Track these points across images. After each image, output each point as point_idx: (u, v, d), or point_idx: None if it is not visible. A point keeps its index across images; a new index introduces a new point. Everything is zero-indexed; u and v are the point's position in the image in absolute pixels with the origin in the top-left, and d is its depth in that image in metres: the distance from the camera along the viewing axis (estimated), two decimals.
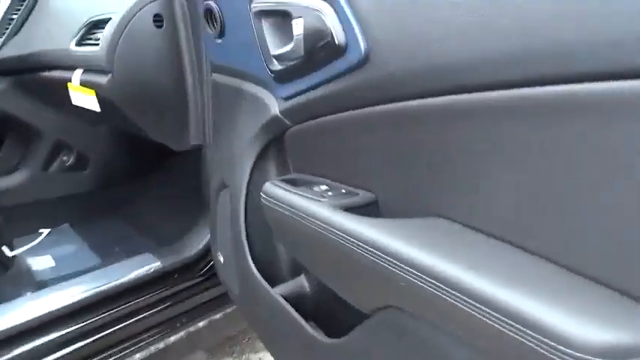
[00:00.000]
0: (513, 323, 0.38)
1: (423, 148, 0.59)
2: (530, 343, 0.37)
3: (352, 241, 0.59)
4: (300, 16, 0.70)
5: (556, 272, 0.43)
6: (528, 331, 0.37)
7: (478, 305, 0.41)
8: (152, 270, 1.33)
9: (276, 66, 0.81)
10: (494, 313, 0.40)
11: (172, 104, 1.31)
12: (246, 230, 0.96)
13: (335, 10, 0.63)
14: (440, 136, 0.55)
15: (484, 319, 0.41)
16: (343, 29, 0.62)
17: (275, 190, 0.82)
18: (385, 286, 0.55)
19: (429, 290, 0.46)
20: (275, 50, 0.81)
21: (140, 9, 1.21)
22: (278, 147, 0.93)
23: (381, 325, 0.59)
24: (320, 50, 0.67)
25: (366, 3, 0.59)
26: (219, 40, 0.99)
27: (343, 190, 0.72)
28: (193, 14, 1.26)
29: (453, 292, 0.43)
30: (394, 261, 0.51)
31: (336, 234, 0.62)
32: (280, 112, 0.84)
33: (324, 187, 0.75)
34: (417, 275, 0.48)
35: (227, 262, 1.12)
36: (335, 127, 0.73)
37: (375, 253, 0.54)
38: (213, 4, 0.96)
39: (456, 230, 0.54)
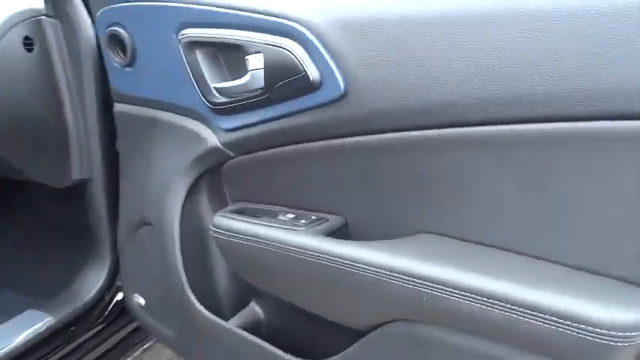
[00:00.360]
0: (554, 319, 0.48)
1: (400, 174, 0.65)
2: (571, 332, 0.47)
3: (353, 265, 0.63)
4: (259, 52, 0.71)
5: (559, 269, 0.54)
6: (567, 322, 0.47)
7: (518, 308, 0.50)
8: (44, 328, 1.15)
9: (218, 98, 0.80)
10: (536, 313, 0.48)
11: (51, 137, 1.16)
12: (184, 267, 0.92)
13: (306, 49, 0.66)
14: (419, 163, 0.63)
15: (525, 319, 0.49)
16: (317, 67, 0.66)
17: (230, 222, 0.81)
18: (395, 301, 0.61)
19: (457, 300, 0.53)
20: (215, 82, 0.80)
21: (7, 31, 1.05)
22: (212, 178, 0.91)
23: (387, 338, 0.64)
24: (286, 85, 0.69)
25: (344, 43, 0.63)
26: (128, 69, 0.93)
27: (313, 217, 0.75)
28: (71, 38, 1.14)
29: (490, 300, 0.51)
30: (413, 279, 0.57)
31: (328, 259, 0.65)
32: (222, 143, 0.83)
33: (291, 216, 0.77)
34: (442, 289, 0.54)
35: (151, 304, 1.05)
36: (296, 156, 0.75)
37: (384, 273, 0.60)
38: (121, 31, 0.89)
39: (449, 242, 0.62)
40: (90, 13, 1.12)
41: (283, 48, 0.68)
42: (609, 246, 0.52)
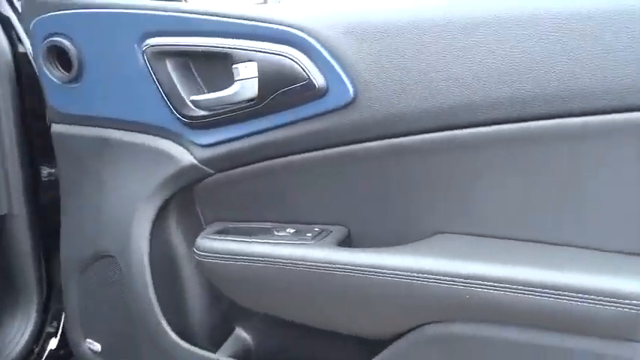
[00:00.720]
0: (600, 297, 0.51)
1: (411, 177, 0.66)
2: (617, 308, 0.51)
3: (382, 272, 0.62)
4: (251, 60, 0.67)
5: (580, 252, 0.58)
6: (613, 300, 0.51)
7: (566, 293, 0.52)
8: None
9: (195, 112, 0.74)
10: (584, 295, 0.52)
11: None
12: (157, 300, 0.83)
13: (309, 56, 0.64)
14: (433, 165, 0.64)
15: (570, 301, 0.52)
16: (322, 73, 0.64)
17: (219, 244, 0.76)
18: (430, 304, 0.61)
19: (504, 294, 0.55)
20: (190, 95, 0.74)
21: None
22: (182, 199, 0.84)
23: (418, 343, 0.64)
24: (286, 93, 0.66)
25: (350, 49, 0.62)
26: (72, 85, 0.82)
27: (316, 229, 0.72)
28: None
29: (538, 289, 0.53)
30: (451, 278, 0.57)
31: (352, 269, 0.64)
32: (199, 160, 0.77)
33: (291, 230, 0.74)
34: (485, 284, 0.56)
35: (110, 348, 0.93)
36: (291, 167, 0.72)
37: (418, 277, 0.59)
38: (65, 42, 0.79)
39: (468, 239, 0.63)
40: (2, 23, 0.98)
41: (283, 55, 0.65)
42: (619, 226, 0.57)
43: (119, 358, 0.93)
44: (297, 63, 0.64)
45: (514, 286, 0.55)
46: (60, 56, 0.82)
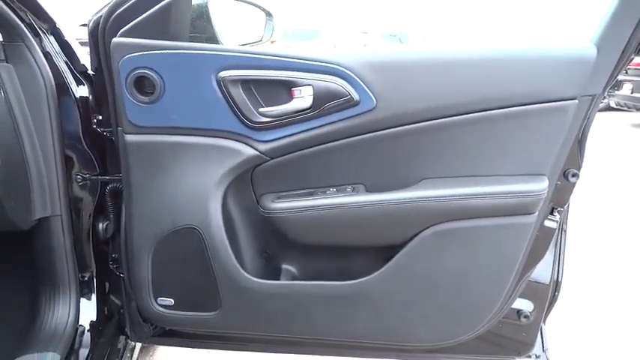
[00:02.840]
0: (512, 194, 1.07)
1: (407, 149, 1.13)
2: (520, 198, 1.06)
3: (404, 200, 1.09)
4: (309, 85, 1.07)
5: (493, 177, 1.12)
6: (518, 194, 1.06)
7: (493, 194, 1.07)
8: None
9: (261, 119, 1.11)
10: (502, 195, 1.06)
11: (12, 178, 1.17)
12: (233, 251, 1.18)
13: (348, 82, 1.06)
14: (420, 140, 1.13)
15: (495, 199, 1.07)
16: (356, 91, 1.07)
17: (289, 204, 1.15)
18: (431, 214, 1.10)
19: (461, 202, 1.07)
20: (255, 108, 1.10)
21: None
22: (239, 180, 1.19)
23: (426, 240, 1.12)
24: (333, 104, 1.08)
25: (373, 76, 1.06)
26: (152, 105, 1.10)
27: (349, 186, 1.16)
28: (27, 81, 1.17)
29: (488, 195, 1.07)
30: (441, 197, 1.08)
31: (385, 203, 1.10)
32: (261, 152, 1.14)
33: (333, 189, 1.16)
34: (463, 197, 1.07)
35: (183, 299, 1.24)
36: (327, 150, 1.14)
37: (425, 199, 1.08)
38: (150, 73, 1.07)
39: (440, 179, 1.14)
40: (47, 57, 1.18)
41: (331, 82, 1.06)
42: (511, 160, 1.13)
43: (190, 305, 1.24)
44: (341, 86, 1.07)
45: (468, 196, 1.08)
46: (147, 83, 1.09)
